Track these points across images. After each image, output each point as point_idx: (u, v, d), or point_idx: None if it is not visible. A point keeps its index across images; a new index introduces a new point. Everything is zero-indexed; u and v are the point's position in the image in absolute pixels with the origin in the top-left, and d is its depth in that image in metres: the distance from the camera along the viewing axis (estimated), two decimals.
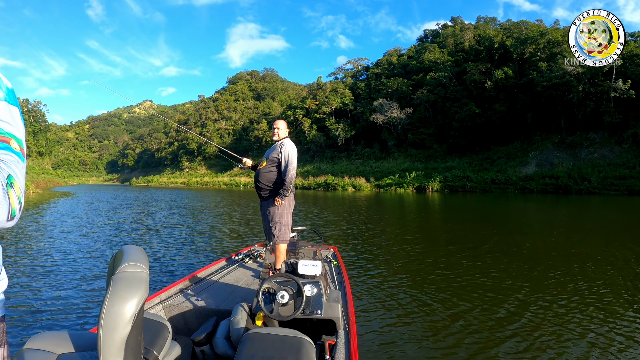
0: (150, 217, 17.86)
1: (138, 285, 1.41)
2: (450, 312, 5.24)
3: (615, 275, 7.21)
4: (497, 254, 9.20)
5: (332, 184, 50.86)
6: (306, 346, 2.41)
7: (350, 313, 3.39)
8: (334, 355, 2.70)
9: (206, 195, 41.38)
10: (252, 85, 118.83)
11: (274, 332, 2.55)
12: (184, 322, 3.76)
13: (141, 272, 1.47)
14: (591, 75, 43.68)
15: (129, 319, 1.35)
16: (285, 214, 4.84)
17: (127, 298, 1.36)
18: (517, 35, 60.30)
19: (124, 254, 1.56)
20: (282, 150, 4.79)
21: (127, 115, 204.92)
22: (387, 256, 9.06)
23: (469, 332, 4.56)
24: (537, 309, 5.38)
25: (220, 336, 2.96)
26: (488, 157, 49.83)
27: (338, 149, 70.93)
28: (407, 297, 5.86)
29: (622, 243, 10.42)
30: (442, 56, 68.35)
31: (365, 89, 77.24)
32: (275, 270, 4.22)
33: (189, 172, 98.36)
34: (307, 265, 3.33)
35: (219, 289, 4.39)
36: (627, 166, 36.67)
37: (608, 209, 21.99)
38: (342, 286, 4.28)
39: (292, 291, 3.03)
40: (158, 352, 1.96)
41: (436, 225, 15.54)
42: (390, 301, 5.72)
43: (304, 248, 4.18)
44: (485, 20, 76.93)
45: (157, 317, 2.24)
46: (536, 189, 37.73)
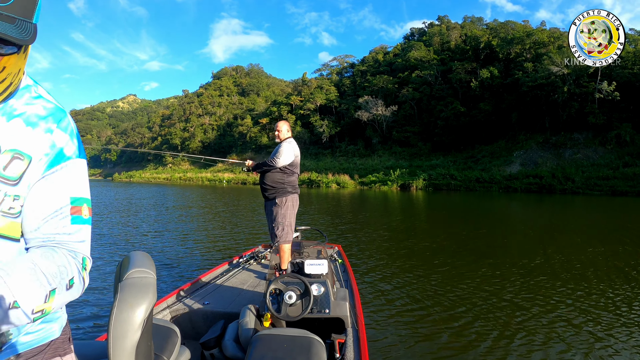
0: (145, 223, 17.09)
1: (146, 291, 1.36)
2: (461, 308, 5.12)
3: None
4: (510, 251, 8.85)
5: (316, 181, 50.36)
6: (316, 346, 2.41)
7: (358, 311, 3.38)
8: (344, 354, 2.69)
9: (192, 193, 40.37)
10: (237, 80, 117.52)
11: (283, 332, 2.55)
12: (191, 326, 3.74)
13: (148, 277, 1.41)
14: (576, 77, 43.82)
15: (139, 325, 1.31)
16: (289, 215, 4.86)
17: (136, 304, 1.32)
18: (503, 35, 60.41)
19: (131, 260, 1.49)
20: (280, 145, 4.92)
21: (110, 110, 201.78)
22: (389, 253, 8.96)
23: (480, 328, 4.48)
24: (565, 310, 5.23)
25: (229, 339, 2.94)
26: (472, 155, 49.78)
27: (322, 146, 70.47)
28: (415, 293, 5.82)
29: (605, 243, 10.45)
30: (428, 54, 68.14)
31: (350, 85, 76.82)
32: (281, 271, 4.32)
33: (172, 168, 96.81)
34: (313, 264, 3.34)
35: (225, 291, 4.40)
36: (611, 167, 36.82)
37: (592, 209, 21.90)
38: (349, 284, 4.27)
39: (299, 291, 3.03)
40: (168, 357, 1.94)
41: (432, 223, 15.48)
42: (397, 298, 5.70)
43: (308, 247, 4.26)
44: (472, 20, 76.89)
45: (165, 323, 2.21)
46: (520, 188, 37.76)
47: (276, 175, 4.88)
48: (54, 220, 0.94)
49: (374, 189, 43.43)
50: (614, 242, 10.35)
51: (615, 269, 7.54)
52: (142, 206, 21.94)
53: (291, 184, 4.92)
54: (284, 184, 4.88)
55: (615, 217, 17.39)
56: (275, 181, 4.87)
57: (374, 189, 43.43)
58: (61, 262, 0.89)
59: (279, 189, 4.87)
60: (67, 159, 0.98)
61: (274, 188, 4.88)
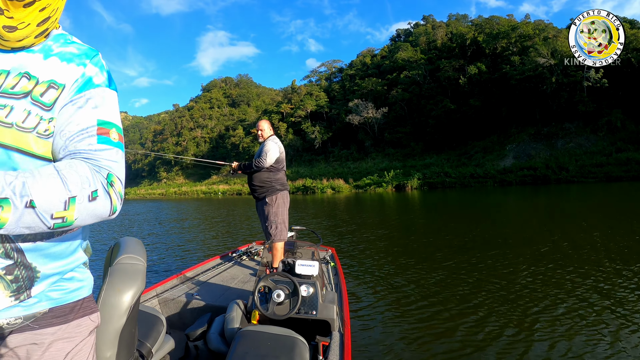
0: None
1: (135, 278, 1.39)
2: (448, 315, 4.82)
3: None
4: (501, 252, 8.58)
5: (311, 187, 50.07)
6: (299, 346, 2.39)
7: (346, 315, 3.30)
8: (327, 357, 2.62)
9: (187, 205, 40.10)
10: (227, 92, 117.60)
11: (268, 330, 2.53)
12: (178, 317, 3.76)
13: (138, 264, 1.45)
14: (564, 67, 43.91)
15: (125, 311, 1.34)
16: (281, 212, 4.87)
17: (124, 290, 1.35)
18: (488, 30, 60.68)
19: (122, 246, 1.53)
20: (264, 145, 4.91)
21: None
22: (382, 257, 8.48)
23: (467, 337, 4.19)
24: (546, 310, 4.84)
25: (214, 332, 2.91)
26: (465, 152, 49.74)
27: (315, 152, 70.38)
28: (403, 299, 5.53)
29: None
30: (415, 55, 68.33)
31: (340, 90, 76.94)
32: (272, 268, 4.36)
33: (166, 183, 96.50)
34: (304, 265, 3.31)
35: (215, 285, 4.41)
36: (604, 153, 36.87)
37: (593, 195, 21.81)
38: (339, 287, 4.22)
39: (288, 290, 3.00)
40: (152, 345, 1.95)
41: (428, 225, 15.03)
42: (386, 304, 5.43)
43: (302, 248, 4.27)
44: (457, 18, 77.31)
45: (152, 311, 2.23)
46: (515, 181, 37.73)
47: (263, 175, 4.88)
48: (80, 138, 0.99)
49: (369, 192, 43.21)
50: (620, 225, 10.26)
51: (626, 249, 7.41)
52: (135, 221, 21.73)
53: (279, 181, 4.92)
54: (272, 182, 4.88)
55: (620, 201, 17.34)
56: (263, 180, 4.88)
57: (369, 192, 43.21)
58: (83, 172, 0.91)
59: (267, 187, 4.88)
60: (96, 86, 1.04)
61: (263, 187, 4.89)
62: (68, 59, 1.03)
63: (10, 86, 0.95)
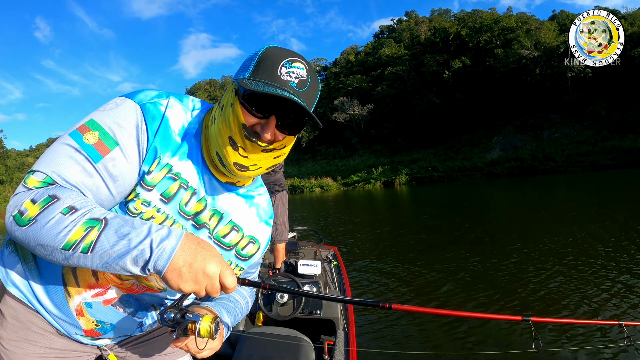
0: None
1: None
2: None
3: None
4: (503, 245, 8.41)
5: (300, 187, 49.72)
6: (305, 346, 2.39)
7: (350, 313, 3.30)
8: (332, 356, 2.66)
9: None
10: (212, 94, 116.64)
11: (273, 331, 2.51)
12: None
13: None
14: (547, 58, 44.06)
15: None
16: (280, 213, 4.68)
17: None
18: (471, 24, 60.66)
19: None
20: None
21: None
22: (383, 255, 8.44)
23: (470, 333, 4.26)
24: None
25: None
26: (452, 146, 49.71)
27: (302, 151, 69.98)
28: (406, 297, 5.58)
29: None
30: (399, 50, 68.19)
31: (324, 88, 76.55)
32: (274, 269, 4.31)
33: None
34: (306, 265, 3.35)
35: None
36: (589, 142, 37.07)
37: (583, 184, 21.89)
38: (342, 286, 4.20)
39: None
40: None
41: (419, 217, 15.08)
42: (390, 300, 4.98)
43: (304, 248, 4.36)
44: (440, 13, 77.49)
45: None
46: (502, 173, 37.83)
47: (261, 176, 4.51)
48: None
49: (358, 189, 43.01)
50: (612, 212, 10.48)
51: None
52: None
53: (277, 182, 4.73)
54: (269, 183, 4.71)
55: (609, 190, 17.54)
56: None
57: (358, 189, 43.01)
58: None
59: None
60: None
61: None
62: (260, 216, 1.15)
63: (222, 234, 1.06)
